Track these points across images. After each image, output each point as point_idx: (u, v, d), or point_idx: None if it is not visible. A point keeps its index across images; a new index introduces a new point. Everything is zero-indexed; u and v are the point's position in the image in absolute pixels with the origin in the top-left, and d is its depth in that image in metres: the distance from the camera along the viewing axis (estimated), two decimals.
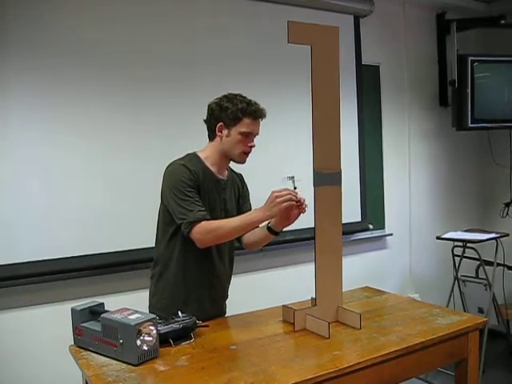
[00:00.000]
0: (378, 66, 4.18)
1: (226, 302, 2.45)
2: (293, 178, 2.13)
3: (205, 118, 2.29)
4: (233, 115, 2.18)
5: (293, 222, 2.21)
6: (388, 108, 4.26)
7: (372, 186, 4.14)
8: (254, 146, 2.25)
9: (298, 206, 2.14)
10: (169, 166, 2.21)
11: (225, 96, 2.23)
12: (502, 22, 4.32)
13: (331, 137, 2.16)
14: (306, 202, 2.14)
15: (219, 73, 3.31)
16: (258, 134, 2.26)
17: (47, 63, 2.80)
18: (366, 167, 4.05)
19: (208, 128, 2.28)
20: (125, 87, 3.03)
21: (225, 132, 2.21)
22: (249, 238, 2.39)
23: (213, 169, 2.25)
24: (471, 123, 4.20)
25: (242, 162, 2.27)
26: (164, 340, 1.93)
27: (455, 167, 4.70)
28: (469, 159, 4.80)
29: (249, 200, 2.47)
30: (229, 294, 2.44)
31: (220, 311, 2.38)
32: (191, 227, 2.08)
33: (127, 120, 3.04)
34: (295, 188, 2.13)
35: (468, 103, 4.17)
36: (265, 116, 2.25)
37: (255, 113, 2.20)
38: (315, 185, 2.13)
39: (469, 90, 4.16)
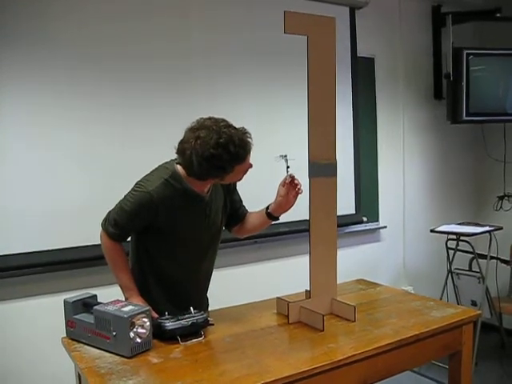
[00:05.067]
0: (373, 58, 4.16)
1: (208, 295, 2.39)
2: (285, 156, 2.11)
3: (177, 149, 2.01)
4: (223, 172, 1.99)
5: (292, 205, 2.19)
6: (383, 100, 4.24)
7: (366, 178, 4.12)
8: (252, 166, 2.09)
9: (294, 188, 2.13)
10: (142, 184, 2.05)
11: (204, 154, 1.91)
12: (498, 15, 4.32)
13: (327, 127, 2.16)
14: (301, 182, 2.14)
15: (214, 65, 3.29)
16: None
17: (40, 57, 2.77)
18: (361, 159, 4.04)
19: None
20: (120, 83, 3.00)
21: (216, 180, 2.06)
22: (246, 224, 2.37)
23: (194, 186, 2.08)
24: (466, 116, 4.19)
25: None
26: (172, 337, 1.91)
27: (449, 160, 4.70)
28: (463, 152, 4.80)
29: (236, 191, 2.35)
30: (216, 287, 2.39)
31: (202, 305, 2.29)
32: (102, 229, 2.13)
33: (120, 113, 3.01)
34: (288, 167, 2.11)
35: (463, 96, 4.16)
36: (251, 141, 2.03)
37: (244, 158, 1.99)
38: (310, 175, 2.13)
39: (464, 83, 4.15)
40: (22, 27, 2.71)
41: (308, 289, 2.21)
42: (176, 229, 2.10)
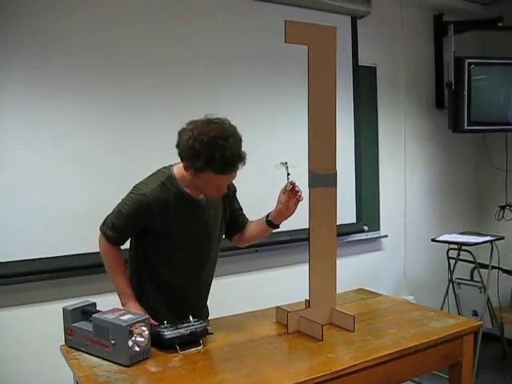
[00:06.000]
0: (375, 67, 4.17)
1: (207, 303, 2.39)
2: (286, 163, 2.09)
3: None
4: (194, 161, 1.93)
5: (292, 212, 2.17)
6: (384, 109, 4.24)
7: (367, 187, 4.12)
8: (223, 192, 2.08)
9: (295, 195, 2.12)
10: (139, 187, 2.07)
11: (198, 137, 1.90)
12: (500, 24, 4.31)
13: (327, 137, 2.15)
14: (301, 188, 2.12)
15: (215, 72, 3.31)
16: (232, 179, 2.05)
17: (41, 61, 2.78)
18: (362, 168, 4.04)
19: None
20: (120, 88, 3.01)
21: (191, 171, 1.99)
22: (246, 233, 2.35)
23: (189, 190, 2.08)
24: (467, 125, 4.19)
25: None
26: (171, 345, 1.90)
27: (451, 169, 4.70)
28: (465, 161, 4.80)
29: (235, 200, 2.35)
30: (215, 295, 2.39)
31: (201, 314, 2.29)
32: (101, 233, 2.14)
33: (120, 119, 3.02)
34: (288, 174, 2.11)
35: (464, 105, 4.16)
36: (239, 167, 1.97)
37: (219, 172, 1.93)
38: (310, 186, 2.12)
39: (465, 93, 4.15)
40: (23, 30, 2.71)
41: (307, 298, 2.20)
42: (171, 231, 2.09)
